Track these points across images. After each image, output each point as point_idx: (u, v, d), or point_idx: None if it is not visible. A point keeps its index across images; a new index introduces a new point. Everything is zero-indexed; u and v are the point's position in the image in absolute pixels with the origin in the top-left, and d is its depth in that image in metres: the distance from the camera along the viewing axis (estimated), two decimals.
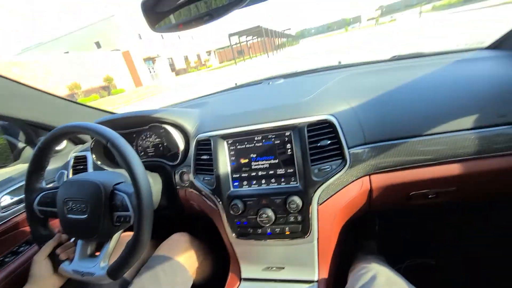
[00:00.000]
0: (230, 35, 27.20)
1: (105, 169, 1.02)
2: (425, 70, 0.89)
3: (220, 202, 0.83)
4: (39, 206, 0.79)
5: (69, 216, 0.73)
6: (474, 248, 1.18)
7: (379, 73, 1.00)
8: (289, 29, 65.71)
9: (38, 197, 0.79)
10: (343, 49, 15.31)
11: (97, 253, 0.77)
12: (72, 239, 0.86)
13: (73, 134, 0.82)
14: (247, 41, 36.70)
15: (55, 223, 0.96)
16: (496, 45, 0.95)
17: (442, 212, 1.23)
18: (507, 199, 0.99)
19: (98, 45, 29.16)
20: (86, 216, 0.72)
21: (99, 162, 1.03)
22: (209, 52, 50.11)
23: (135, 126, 1.01)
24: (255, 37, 35.63)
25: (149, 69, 31.17)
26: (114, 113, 1.27)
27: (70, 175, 1.14)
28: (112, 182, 0.76)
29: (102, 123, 0.88)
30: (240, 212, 0.79)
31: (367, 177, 0.78)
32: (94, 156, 1.02)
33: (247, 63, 24.58)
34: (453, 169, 0.73)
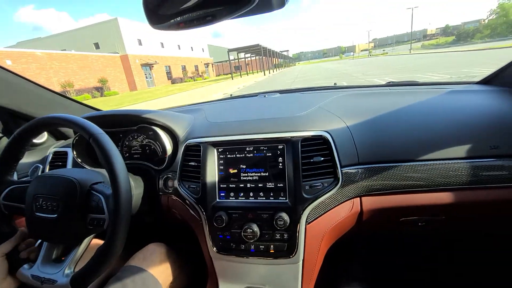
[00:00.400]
0: (229, 50, 27.82)
1: (85, 168, 0.96)
2: (419, 97, 0.90)
3: (204, 213, 0.79)
4: (5, 200, 0.72)
5: (38, 214, 0.67)
6: (464, 282, 1.16)
7: (375, 96, 1.01)
8: (287, 50, 67.91)
9: (6, 190, 0.73)
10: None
11: (64, 258, 0.70)
12: (38, 242, 0.79)
13: (54, 126, 0.77)
14: (245, 57, 37.57)
15: (20, 222, 0.89)
16: (487, 81, 0.99)
17: (431, 240, 1.22)
18: (498, 232, 0.99)
19: (97, 46, 29.13)
20: (56, 215, 0.66)
21: (79, 160, 0.97)
22: (207, 64, 50.82)
23: (123, 125, 0.97)
24: (254, 54, 36.55)
25: (146, 74, 31.16)
26: (100, 110, 1.22)
27: (47, 171, 1.07)
28: (89, 181, 0.71)
29: (88, 118, 0.84)
30: (224, 225, 0.75)
31: (358, 198, 0.76)
32: (75, 152, 0.96)
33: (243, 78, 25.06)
34: (443, 197, 0.73)
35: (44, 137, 1.19)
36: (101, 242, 0.81)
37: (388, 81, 1.25)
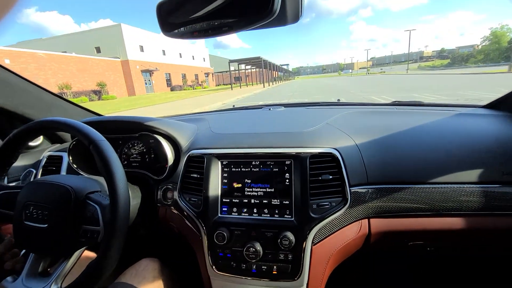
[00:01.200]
0: (230, 61, 28.21)
1: (80, 174, 0.92)
2: (428, 118, 0.89)
3: (204, 228, 0.75)
4: None
5: (27, 223, 0.63)
6: None
7: (382, 114, 1.00)
8: (287, 64, 69.41)
9: None
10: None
11: (51, 272, 0.65)
12: (22, 252, 0.73)
13: (53, 130, 0.74)
14: (245, 69, 38.09)
15: (6, 229, 0.83)
16: (493, 105, 0.99)
17: (440, 266, 1.18)
18: None
19: (98, 50, 29.28)
20: (46, 225, 0.62)
21: (75, 166, 0.93)
22: (207, 74, 51.33)
23: (124, 132, 0.94)
24: (254, 66, 37.10)
25: (145, 80, 31.29)
26: (102, 116, 1.18)
27: (39, 176, 1.03)
28: (85, 190, 0.67)
29: (88, 123, 0.80)
30: (225, 242, 0.71)
31: (366, 220, 0.73)
32: (71, 158, 0.92)
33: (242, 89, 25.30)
34: (454, 223, 0.70)
35: (39, 140, 1.14)
36: (92, 255, 0.76)
37: (393, 101, 1.25)
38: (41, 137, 1.16)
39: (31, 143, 1.11)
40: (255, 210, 0.74)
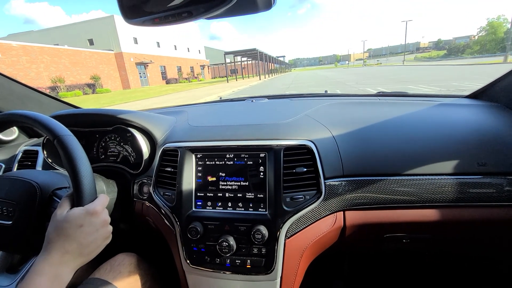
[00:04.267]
0: (226, 53, 27.86)
1: (56, 169, 0.90)
2: (408, 109, 0.88)
3: (178, 223, 0.73)
4: None
5: None
6: None
7: (363, 105, 0.98)
8: (284, 56, 68.62)
9: None
10: None
11: (20, 268, 0.64)
12: None
13: (14, 124, 0.70)
14: (241, 61, 37.68)
15: None
16: (476, 95, 0.98)
17: (416, 258, 1.18)
18: (487, 255, 0.96)
19: (91, 42, 28.71)
20: (11, 222, 0.60)
21: (50, 160, 0.90)
22: (203, 66, 50.71)
23: (98, 125, 0.91)
24: (250, 58, 36.71)
25: (140, 73, 30.84)
26: (79, 108, 1.15)
27: (14, 170, 1.00)
28: (52, 186, 0.65)
29: (57, 117, 0.78)
30: (198, 237, 0.70)
31: (341, 212, 0.72)
32: (45, 152, 0.90)
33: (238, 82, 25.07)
34: (429, 214, 0.70)
35: (14, 134, 1.11)
36: None
37: (379, 91, 1.23)
38: (17, 131, 1.13)
39: (4, 138, 1.08)
40: (229, 204, 0.73)
